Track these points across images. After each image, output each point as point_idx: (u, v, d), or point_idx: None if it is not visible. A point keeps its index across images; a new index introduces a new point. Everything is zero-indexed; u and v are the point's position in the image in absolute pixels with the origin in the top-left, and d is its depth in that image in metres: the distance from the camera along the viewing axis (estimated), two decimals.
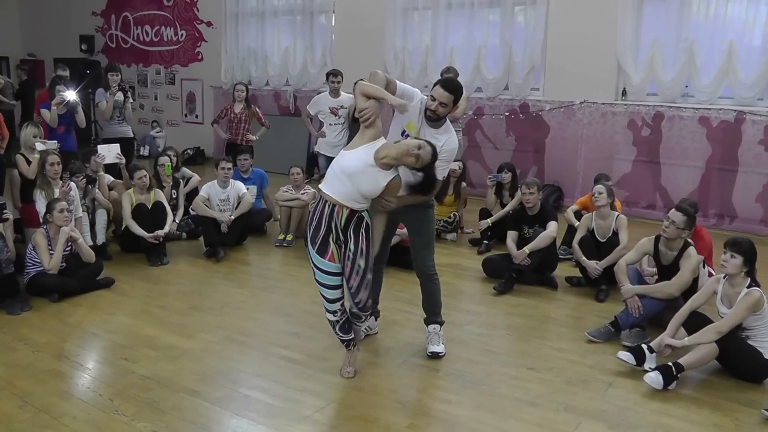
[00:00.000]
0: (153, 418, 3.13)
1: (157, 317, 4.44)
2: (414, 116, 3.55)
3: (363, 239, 3.28)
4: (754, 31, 6.84)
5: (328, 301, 3.40)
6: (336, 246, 3.30)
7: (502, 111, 8.41)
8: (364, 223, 3.29)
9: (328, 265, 3.32)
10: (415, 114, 3.55)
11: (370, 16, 9.21)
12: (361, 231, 3.28)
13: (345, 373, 3.58)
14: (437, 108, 3.45)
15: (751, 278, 3.61)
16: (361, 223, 3.28)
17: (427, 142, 3.26)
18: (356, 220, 3.26)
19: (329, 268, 3.32)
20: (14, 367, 3.64)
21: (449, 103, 3.46)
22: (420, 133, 3.52)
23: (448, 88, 3.46)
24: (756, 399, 3.41)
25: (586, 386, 3.53)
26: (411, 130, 3.55)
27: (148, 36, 12.15)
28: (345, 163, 3.22)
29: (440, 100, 3.45)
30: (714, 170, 7.12)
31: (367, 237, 3.29)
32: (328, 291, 3.37)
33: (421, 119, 3.54)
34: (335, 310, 3.41)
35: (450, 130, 3.60)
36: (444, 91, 3.45)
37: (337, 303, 3.41)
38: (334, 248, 3.30)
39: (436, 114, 3.47)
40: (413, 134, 3.52)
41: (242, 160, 6.64)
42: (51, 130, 6.37)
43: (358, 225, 3.27)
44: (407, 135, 3.53)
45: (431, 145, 3.24)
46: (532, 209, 5.24)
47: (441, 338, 3.84)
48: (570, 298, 4.95)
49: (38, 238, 4.65)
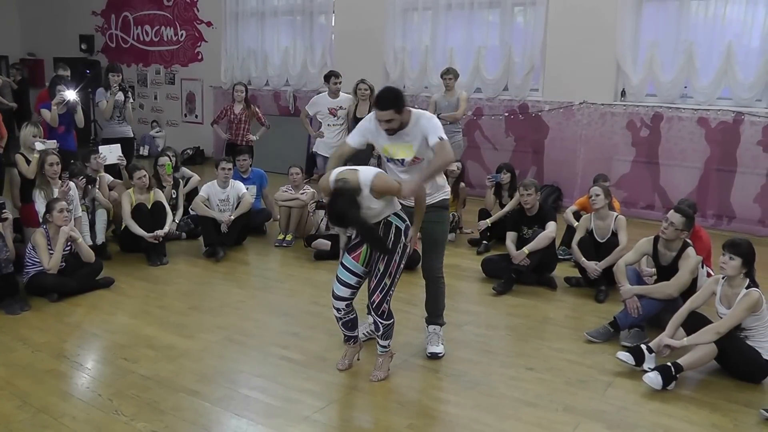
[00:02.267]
0: (152, 418, 3.13)
1: (156, 317, 4.44)
2: (382, 139, 3.53)
3: (389, 243, 3.32)
4: (752, 33, 6.85)
5: (334, 297, 3.45)
6: (367, 250, 3.36)
7: (501, 111, 8.42)
8: (393, 228, 3.32)
9: (350, 262, 3.38)
10: (379, 136, 3.54)
11: (370, 17, 9.21)
12: (390, 236, 3.32)
13: (338, 365, 3.64)
14: (390, 126, 3.42)
15: (749, 279, 3.62)
16: (390, 228, 3.32)
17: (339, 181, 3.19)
18: (384, 226, 3.31)
19: (350, 265, 3.38)
20: (13, 366, 3.64)
21: (393, 116, 3.38)
22: (390, 146, 3.52)
23: (383, 106, 3.36)
24: (755, 399, 3.42)
25: (585, 386, 3.54)
26: (385, 152, 3.57)
27: (148, 36, 12.14)
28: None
29: (384, 119, 3.39)
30: (712, 171, 7.13)
31: (394, 242, 3.32)
32: (339, 287, 3.42)
33: (382, 136, 3.52)
34: (339, 307, 3.46)
35: (417, 118, 3.46)
36: (381, 111, 3.37)
37: (342, 302, 3.43)
38: (364, 251, 3.36)
39: (393, 130, 3.44)
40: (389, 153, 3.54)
41: (242, 160, 6.64)
42: (51, 129, 6.37)
43: (386, 230, 3.32)
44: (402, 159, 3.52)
45: (342, 180, 3.18)
46: (530, 210, 5.25)
47: (441, 339, 3.85)
48: (569, 299, 4.95)
49: (38, 238, 4.65)
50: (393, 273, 3.34)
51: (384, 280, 3.33)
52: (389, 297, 3.39)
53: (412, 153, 3.47)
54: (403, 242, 3.35)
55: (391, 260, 3.32)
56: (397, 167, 3.58)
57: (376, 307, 3.39)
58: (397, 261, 3.34)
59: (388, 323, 3.45)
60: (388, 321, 3.44)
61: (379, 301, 3.36)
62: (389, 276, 3.33)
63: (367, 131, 3.59)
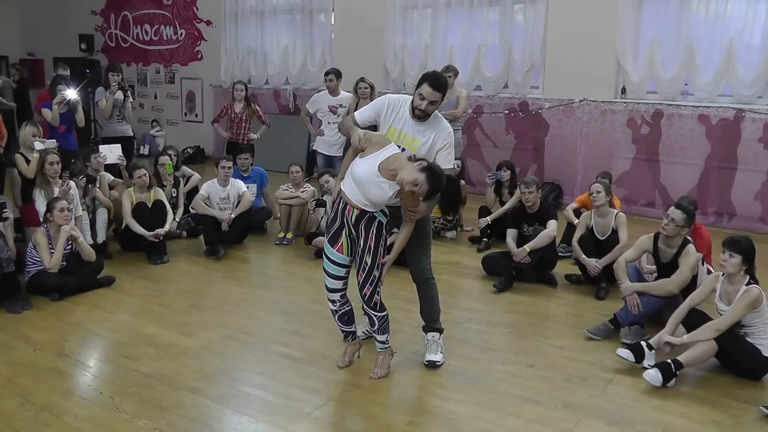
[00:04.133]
0: (154, 415, 3.14)
1: (157, 315, 4.45)
2: (396, 122, 3.47)
3: (372, 237, 3.31)
4: (753, 30, 6.84)
5: (327, 290, 3.47)
6: (348, 239, 3.37)
7: (501, 109, 8.41)
8: (376, 222, 3.32)
9: (335, 255, 3.39)
10: (393, 118, 3.47)
11: (370, 15, 9.21)
12: (372, 229, 3.31)
13: (339, 362, 3.66)
14: (427, 108, 3.37)
15: (750, 276, 3.62)
16: (373, 222, 3.32)
17: (427, 173, 3.06)
18: (367, 219, 3.31)
19: (336, 258, 3.39)
20: (15, 365, 3.64)
21: (438, 100, 3.37)
22: (402, 134, 3.46)
23: (437, 87, 3.35)
24: (755, 396, 3.42)
25: (586, 383, 3.54)
26: (391, 135, 3.46)
27: (148, 35, 12.15)
28: (356, 171, 3.25)
29: (430, 99, 3.35)
30: (713, 168, 7.13)
31: (377, 236, 3.31)
32: (330, 280, 3.44)
33: (404, 120, 3.45)
34: (334, 299, 3.48)
35: (438, 121, 3.46)
36: (434, 90, 3.34)
37: (336, 293, 3.46)
38: (345, 241, 3.36)
39: (425, 113, 3.40)
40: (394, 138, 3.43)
41: (242, 159, 6.65)
42: (52, 129, 6.39)
43: (369, 223, 3.31)
44: (403, 149, 3.43)
45: (431, 177, 3.07)
46: (531, 207, 5.25)
47: (440, 347, 3.76)
48: (569, 296, 4.96)
49: (39, 237, 4.66)
50: (380, 265, 3.36)
51: (373, 273, 3.35)
52: (379, 288, 3.41)
53: (415, 149, 3.45)
54: (385, 236, 3.35)
55: (377, 253, 3.33)
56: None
57: (367, 300, 3.40)
58: (382, 253, 3.36)
59: (382, 315, 3.45)
60: (382, 313, 3.45)
61: (369, 294, 3.38)
62: (377, 268, 3.35)
63: (380, 108, 3.49)
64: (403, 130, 3.48)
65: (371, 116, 3.55)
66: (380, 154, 3.19)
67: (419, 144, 3.45)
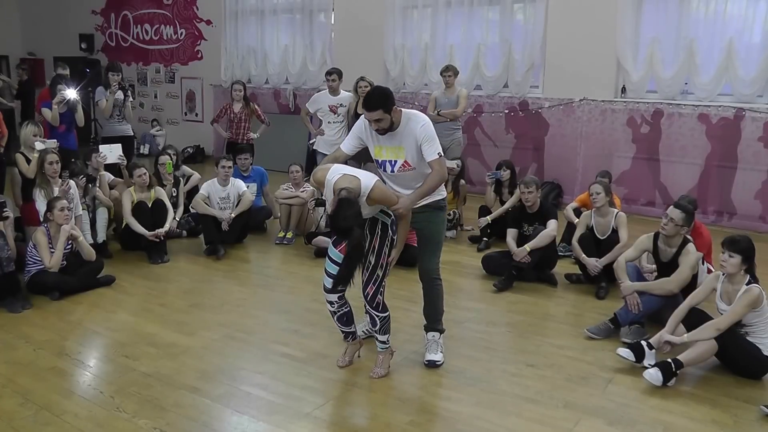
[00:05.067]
0: (154, 415, 3.14)
1: (157, 315, 4.45)
2: (374, 140, 3.51)
3: (377, 238, 3.34)
4: (753, 29, 6.84)
5: (325, 291, 3.47)
6: None
7: (501, 109, 8.41)
8: (380, 224, 3.35)
9: (336, 255, 3.39)
10: (371, 138, 3.51)
11: (370, 14, 9.20)
12: (377, 230, 3.35)
13: (339, 362, 3.66)
14: (378, 126, 3.40)
15: (750, 275, 3.62)
16: (376, 224, 3.35)
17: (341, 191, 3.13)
18: (371, 221, 3.34)
19: (337, 258, 3.38)
20: (15, 364, 3.65)
21: (383, 116, 3.35)
22: (384, 148, 3.49)
23: (371, 107, 3.33)
24: (755, 395, 3.42)
25: (586, 383, 3.54)
26: (377, 153, 3.53)
27: (148, 34, 12.15)
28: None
29: (373, 119, 3.37)
30: (713, 167, 7.13)
31: (381, 236, 3.35)
32: (329, 281, 3.43)
33: (376, 137, 3.48)
34: (332, 300, 3.47)
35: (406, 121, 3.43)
36: (368, 111, 3.36)
37: (334, 294, 3.45)
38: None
39: (385, 130, 3.42)
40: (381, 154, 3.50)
41: (242, 159, 6.65)
42: (52, 128, 6.39)
43: (373, 225, 3.35)
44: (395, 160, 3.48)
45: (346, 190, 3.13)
46: (531, 207, 5.25)
47: (440, 347, 3.78)
48: (569, 296, 4.96)
49: (39, 237, 4.66)
50: (384, 264, 3.37)
51: (376, 272, 3.36)
52: (382, 288, 3.42)
53: (403, 156, 3.45)
54: (390, 236, 3.37)
55: (381, 253, 3.34)
56: (385, 174, 3.56)
57: (370, 300, 3.40)
58: (386, 253, 3.37)
59: (384, 315, 3.46)
60: (384, 313, 3.45)
61: (372, 293, 3.39)
62: (381, 267, 3.36)
63: (360, 132, 3.57)
64: (383, 145, 3.50)
65: (357, 143, 3.60)
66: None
67: (403, 150, 3.45)
